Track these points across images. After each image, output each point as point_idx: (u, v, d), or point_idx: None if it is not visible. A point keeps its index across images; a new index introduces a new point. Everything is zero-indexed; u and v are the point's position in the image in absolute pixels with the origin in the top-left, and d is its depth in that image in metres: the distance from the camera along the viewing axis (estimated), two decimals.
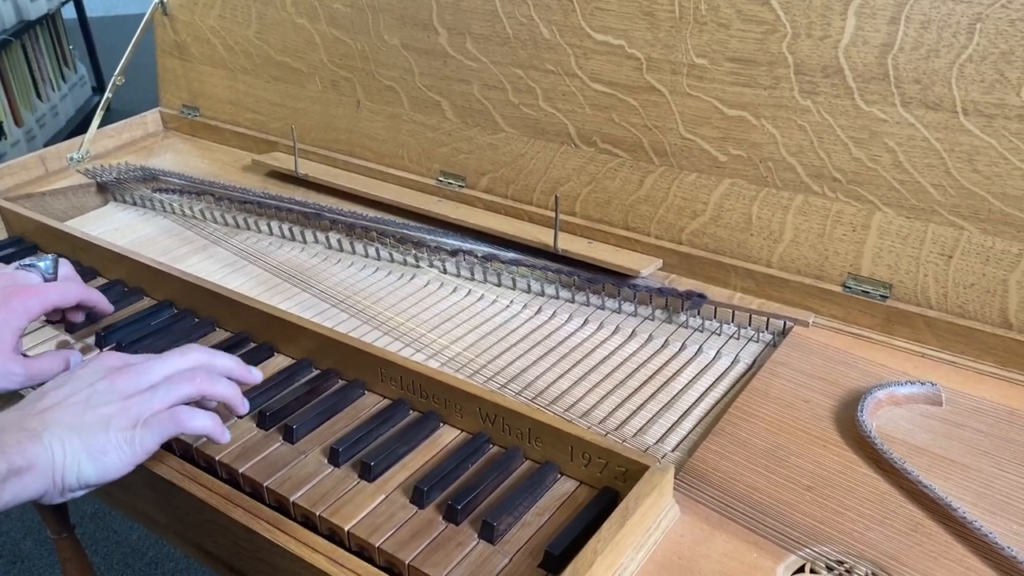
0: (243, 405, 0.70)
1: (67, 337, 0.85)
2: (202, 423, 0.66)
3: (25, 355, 0.75)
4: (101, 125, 1.26)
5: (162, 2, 1.30)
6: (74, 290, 0.80)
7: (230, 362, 0.71)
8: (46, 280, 0.79)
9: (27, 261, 0.80)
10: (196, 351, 0.70)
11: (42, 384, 0.67)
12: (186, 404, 0.66)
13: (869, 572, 0.57)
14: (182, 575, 1.73)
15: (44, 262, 0.80)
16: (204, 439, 0.69)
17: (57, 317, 0.83)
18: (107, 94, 1.25)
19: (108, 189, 1.16)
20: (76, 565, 1.19)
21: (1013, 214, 0.73)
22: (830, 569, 0.57)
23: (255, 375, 0.73)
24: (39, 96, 3.55)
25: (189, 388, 0.66)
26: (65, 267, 0.82)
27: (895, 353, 0.78)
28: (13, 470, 0.57)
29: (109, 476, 0.62)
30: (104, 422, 0.62)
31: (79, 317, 0.83)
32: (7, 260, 0.98)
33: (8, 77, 3.27)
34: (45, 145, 3.37)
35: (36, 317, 0.76)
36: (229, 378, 0.70)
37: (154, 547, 1.79)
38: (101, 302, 0.83)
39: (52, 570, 1.73)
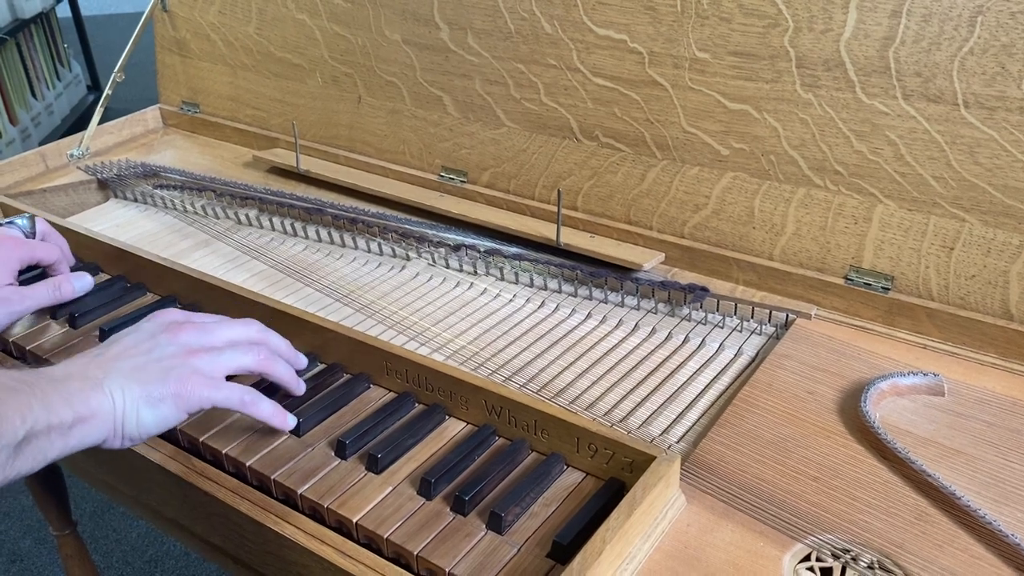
0: (299, 387, 0.71)
1: (67, 329, 0.85)
2: (265, 409, 0.66)
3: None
4: (100, 122, 1.26)
5: None
6: (54, 252, 0.86)
7: (283, 343, 0.72)
8: (26, 234, 0.86)
9: (7, 220, 0.87)
10: (256, 323, 0.71)
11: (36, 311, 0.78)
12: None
13: (875, 560, 0.57)
14: (182, 573, 1.73)
15: (22, 219, 0.86)
16: (211, 434, 0.69)
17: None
18: (107, 91, 1.25)
19: (109, 186, 1.16)
20: (78, 562, 1.19)
21: (1014, 206, 0.74)
22: (836, 557, 0.57)
23: (302, 359, 0.74)
24: (34, 95, 3.54)
25: (251, 361, 0.67)
26: (42, 223, 0.89)
27: (897, 345, 0.79)
28: (79, 418, 0.58)
29: (167, 424, 0.63)
30: (164, 372, 0.63)
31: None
32: None
33: (3, 75, 3.26)
34: (40, 144, 3.37)
35: (23, 265, 0.83)
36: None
37: (153, 545, 1.79)
38: (65, 272, 0.87)
39: (51, 569, 1.73)
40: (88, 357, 0.64)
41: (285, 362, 0.70)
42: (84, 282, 0.85)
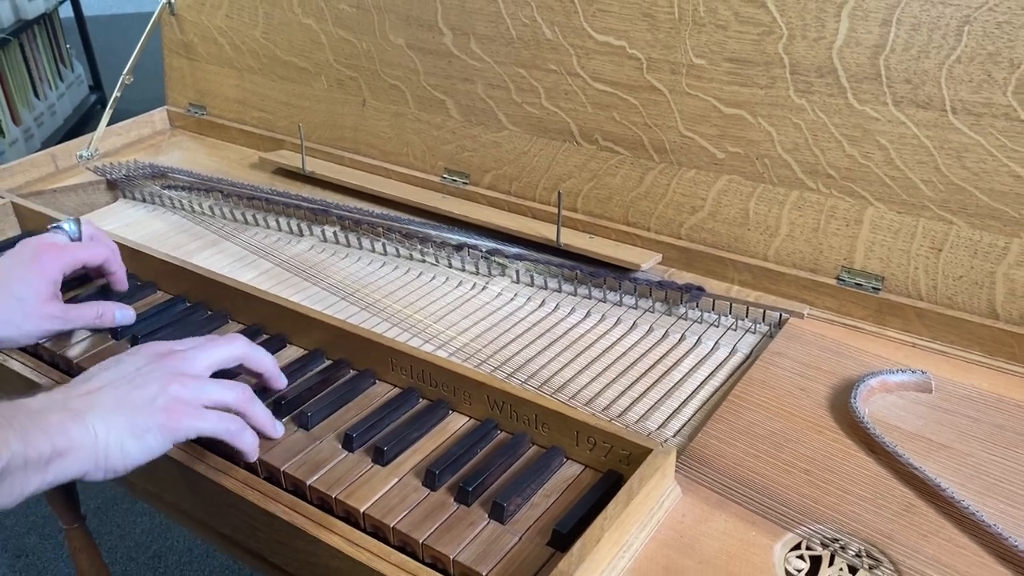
0: (275, 428, 0.70)
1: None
2: (248, 442, 0.67)
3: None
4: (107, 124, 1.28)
5: (169, 2, 1.32)
6: (102, 251, 0.85)
7: (267, 358, 0.73)
8: (72, 239, 0.85)
9: (54, 225, 0.85)
10: (241, 338, 0.71)
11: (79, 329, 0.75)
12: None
13: (862, 549, 0.59)
14: (186, 568, 1.75)
15: (68, 223, 0.85)
16: None
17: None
18: (116, 92, 1.27)
19: (118, 186, 1.18)
20: (87, 556, 1.21)
21: (1000, 209, 0.76)
22: (825, 546, 0.60)
23: (282, 380, 0.74)
24: (37, 95, 3.56)
25: (232, 399, 0.67)
26: (88, 226, 0.87)
27: (887, 343, 0.81)
28: (57, 451, 0.57)
29: (153, 454, 0.63)
30: (149, 402, 0.63)
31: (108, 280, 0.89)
32: None
33: (6, 76, 3.28)
34: (43, 144, 3.39)
35: (68, 271, 0.82)
36: (261, 374, 0.73)
37: (158, 540, 1.81)
38: (119, 271, 0.88)
39: (57, 564, 1.75)
40: (69, 389, 0.63)
41: (263, 407, 0.69)
42: (125, 314, 0.84)
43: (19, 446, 0.55)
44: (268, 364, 0.73)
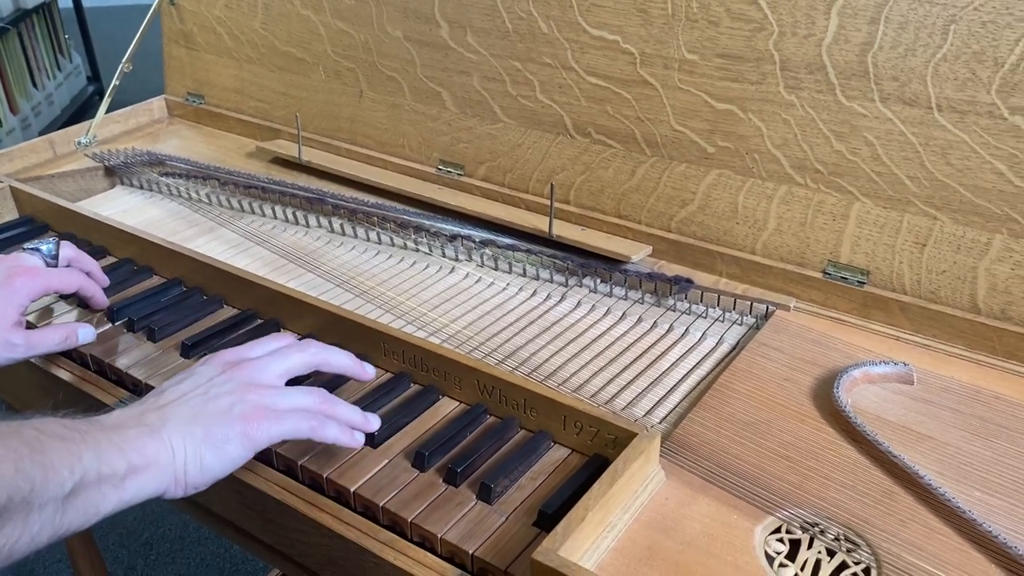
0: (366, 425, 0.68)
1: (79, 310, 0.88)
2: (333, 433, 0.65)
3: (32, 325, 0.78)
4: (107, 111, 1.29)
5: None
6: (74, 279, 0.82)
7: (346, 359, 0.71)
8: (47, 262, 0.82)
9: (30, 245, 0.82)
10: (314, 346, 0.69)
11: (41, 354, 0.71)
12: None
13: (841, 533, 0.61)
14: (178, 555, 1.76)
15: (46, 245, 0.82)
16: None
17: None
18: (115, 81, 1.28)
19: (115, 173, 1.19)
20: (81, 542, 1.22)
21: (983, 205, 0.78)
22: (804, 530, 0.61)
23: (369, 372, 0.72)
24: (35, 84, 3.57)
25: (310, 405, 0.65)
26: (67, 248, 0.84)
27: (871, 336, 0.82)
28: (133, 468, 0.56)
29: (233, 465, 0.61)
30: (226, 410, 0.61)
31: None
32: (19, 239, 1.02)
33: (5, 65, 3.29)
34: (40, 134, 3.39)
35: (37, 298, 0.79)
36: (343, 375, 0.72)
37: (150, 528, 1.82)
38: (97, 295, 0.85)
39: (51, 550, 1.76)
40: (144, 404, 0.62)
41: (347, 406, 0.67)
42: (86, 332, 0.80)
43: (92, 462, 0.54)
44: (346, 363, 0.70)
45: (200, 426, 0.60)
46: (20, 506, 0.50)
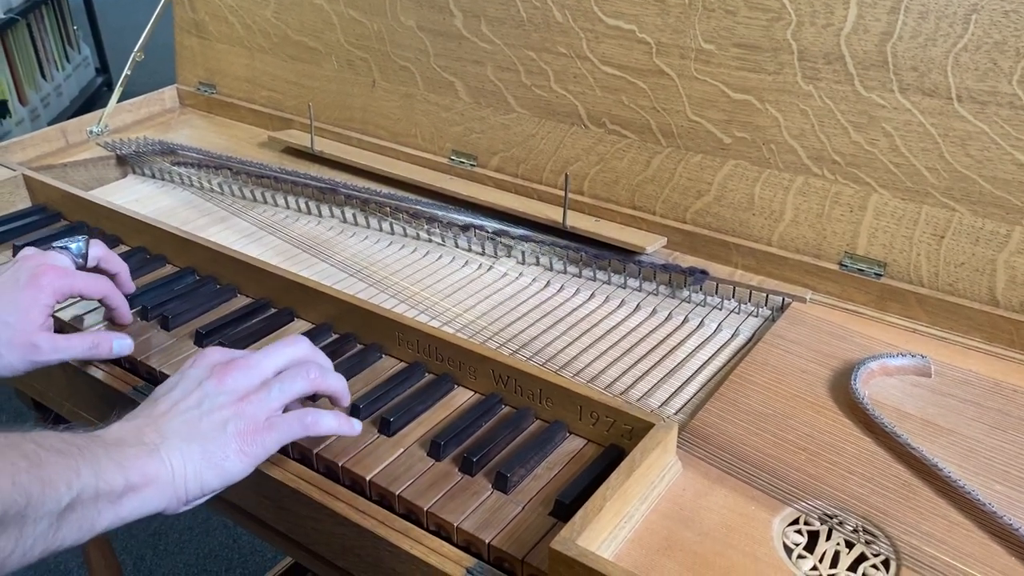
0: (347, 398, 0.69)
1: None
2: (329, 424, 0.65)
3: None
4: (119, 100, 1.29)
5: None
6: (101, 286, 0.79)
7: (328, 364, 0.70)
8: (76, 262, 0.80)
9: (60, 243, 0.80)
10: (304, 341, 0.69)
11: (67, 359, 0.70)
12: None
13: (860, 525, 0.60)
14: (186, 546, 1.77)
15: (76, 244, 0.80)
16: None
17: None
18: (127, 70, 1.28)
19: (127, 162, 1.19)
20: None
21: (1002, 197, 0.77)
22: (823, 521, 0.61)
23: (346, 399, 0.71)
24: (44, 76, 3.57)
25: (304, 384, 0.65)
26: (97, 247, 0.82)
27: (887, 328, 0.82)
28: (131, 486, 0.56)
29: (232, 480, 0.61)
30: (221, 427, 0.61)
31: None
32: (31, 228, 1.02)
33: (14, 56, 3.29)
34: (49, 124, 3.40)
35: (63, 299, 0.77)
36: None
37: (158, 517, 1.82)
38: (121, 307, 0.82)
39: None
40: (139, 417, 0.62)
41: (336, 373, 0.68)
42: (123, 344, 0.77)
43: (91, 478, 0.54)
44: (334, 384, 0.69)
45: (197, 444, 0.60)
46: (15, 520, 0.50)
